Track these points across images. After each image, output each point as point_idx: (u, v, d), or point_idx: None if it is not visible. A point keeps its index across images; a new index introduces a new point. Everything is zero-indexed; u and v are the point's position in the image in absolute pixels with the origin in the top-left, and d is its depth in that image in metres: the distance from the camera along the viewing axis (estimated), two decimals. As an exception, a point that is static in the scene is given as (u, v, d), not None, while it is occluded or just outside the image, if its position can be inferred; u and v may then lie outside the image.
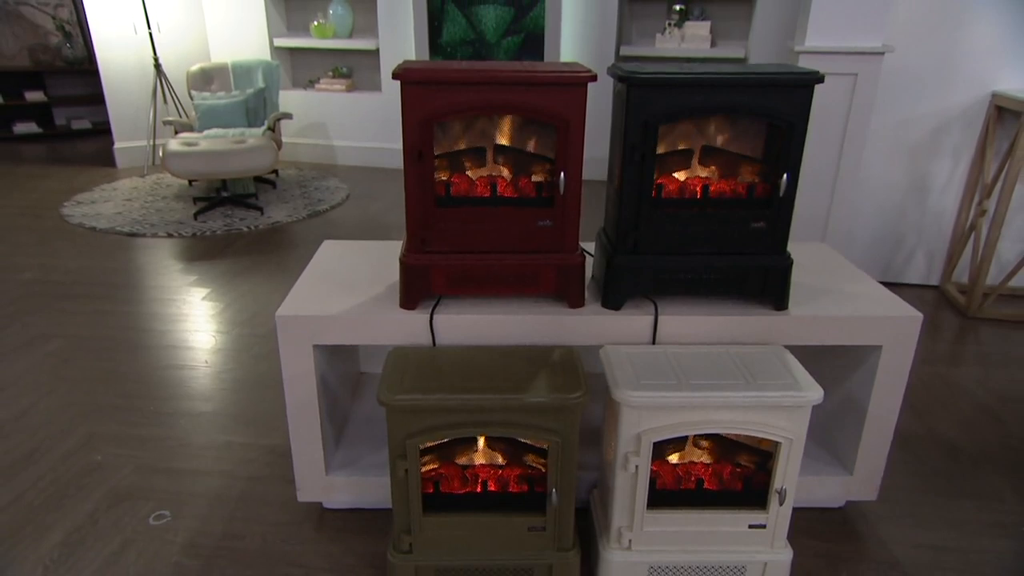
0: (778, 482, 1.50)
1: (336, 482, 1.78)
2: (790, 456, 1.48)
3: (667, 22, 4.94)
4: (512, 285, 1.65)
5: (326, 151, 5.70)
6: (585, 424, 1.95)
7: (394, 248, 2.03)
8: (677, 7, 4.87)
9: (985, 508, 1.92)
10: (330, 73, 5.64)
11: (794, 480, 1.51)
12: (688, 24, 4.85)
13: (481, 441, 1.61)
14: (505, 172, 1.66)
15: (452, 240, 1.61)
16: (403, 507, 1.50)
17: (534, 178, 1.64)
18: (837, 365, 1.86)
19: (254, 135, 4.54)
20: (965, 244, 3.24)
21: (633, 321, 1.64)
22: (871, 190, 3.28)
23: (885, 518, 1.87)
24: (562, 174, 1.55)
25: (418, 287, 1.64)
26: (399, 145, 5.54)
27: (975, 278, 3.10)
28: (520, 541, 1.54)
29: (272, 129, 4.76)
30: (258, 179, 4.96)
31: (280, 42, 5.55)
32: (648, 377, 1.48)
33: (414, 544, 1.53)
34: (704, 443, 1.64)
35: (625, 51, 4.94)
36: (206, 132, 4.67)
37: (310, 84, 5.71)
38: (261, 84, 5.01)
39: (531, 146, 1.64)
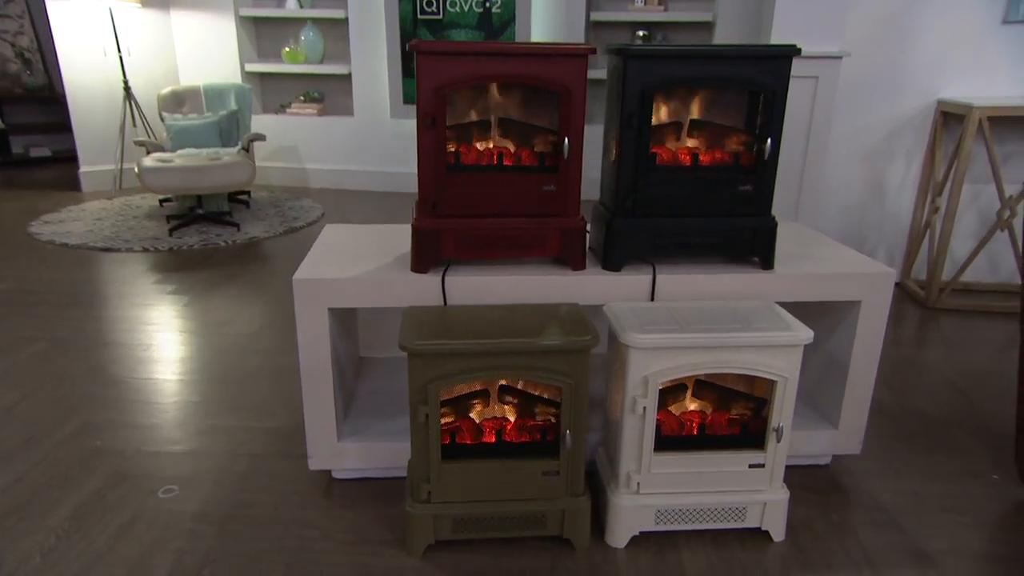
0: (775, 420, 1.63)
1: (348, 448, 1.84)
2: (785, 394, 1.61)
3: (633, 40, 5.21)
4: (518, 248, 1.77)
5: (298, 174, 5.78)
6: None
7: (395, 231, 2.13)
8: (640, 32, 5.15)
9: (958, 462, 2.08)
10: (301, 97, 5.76)
11: (789, 418, 1.63)
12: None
13: (494, 395, 1.70)
14: (508, 143, 1.79)
15: (462, 204, 1.72)
16: (422, 454, 1.57)
17: (535, 149, 1.77)
18: (819, 327, 2.01)
19: (228, 154, 4.61)
20: (921, 241, 3.49)
21: (632, 281, 1.77)
22: (834, 193, 3.52)
23: (868, 473, 2.01)
24: (566, 139, 1.68)
25: (429, 251, 1.74)
26: (371, 167, 5.66)
27: (932, 273, 3.33)
28: (535, 487, 1.62)
29: (246, 150, 4.83)
30: (232, 199, 5.00)
31: (251, 67, 5.66)
32: (652, 324, 1.60)
33: (433, 492, 1.60)
34: (703, 393, 1.76)
35: (592, 75, 5.18)
36: (179, 151, 4.72)
37: (281, 109, 5.81)
38: (234, 106, 5.09)
39: (532, 118, 1.77)
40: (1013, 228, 3.20)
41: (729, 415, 1.73)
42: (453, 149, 1.75)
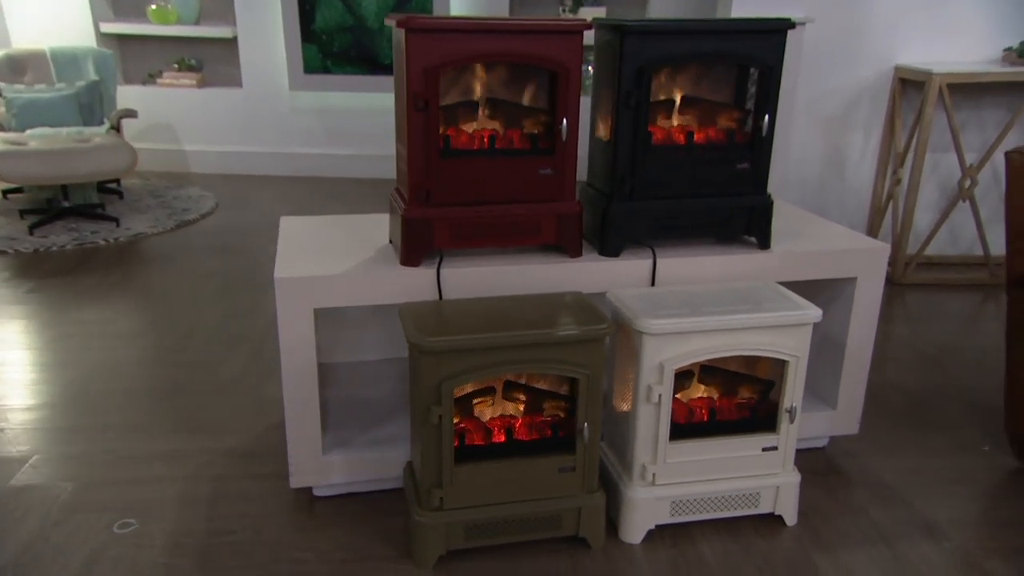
0: (787, 401, 1.89)
1: (333, 462, 1.96)
2: (797, 374, 1.87)
3: (560, 8, 5.46)
4: (513, 236, 1.95)
5: (176, 157, 5.69)
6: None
7: (362, 221, 2.26)
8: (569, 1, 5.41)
9: (947, 435, 2.43)
10: (175, 65, 5.66)
11: (800, 398, 1.90)
12: (583, 11, 5.39)
13: (499, 392, 1.88)
14: (497, 125, 1.96)
15: (455, 192, 1.88)
16: (434, 459, 1.73)
17: (527, 130, 1.95)
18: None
19: (98, 134, 4.51)
20: (883, 215, 3.91)
21: (632, 266, 1.98)
22: (792, 165, 3.89)
23: (864, 452, 2.32)
24: (564, 120, 1.87)
25: (421, 242, 1.89)
26: (267, 148, 5.64)
27: (897, 247, 3.75)
28: (550, 485, 1.81)
29: (116, 129, 4.74)
30: (101, 189, 4.88)
31: (108, 28, 5.52)
32: (662, 309, 1.82)
33: (445, 498, 1.75)
34: (707, 378, 2.00)
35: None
36: (29, 131, 4.58)
37: (150, 79, 5.69)
38: (94, 76, 4.97)
39: (522, 98, 1.95)
40: (975, 198, 3.65)
41: (737, 399, 1.98)
42: (441, 132, 1.90)
